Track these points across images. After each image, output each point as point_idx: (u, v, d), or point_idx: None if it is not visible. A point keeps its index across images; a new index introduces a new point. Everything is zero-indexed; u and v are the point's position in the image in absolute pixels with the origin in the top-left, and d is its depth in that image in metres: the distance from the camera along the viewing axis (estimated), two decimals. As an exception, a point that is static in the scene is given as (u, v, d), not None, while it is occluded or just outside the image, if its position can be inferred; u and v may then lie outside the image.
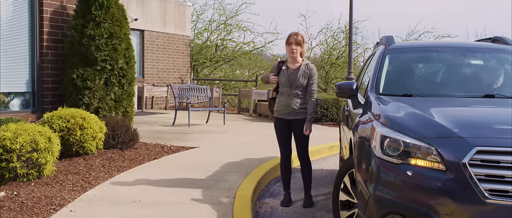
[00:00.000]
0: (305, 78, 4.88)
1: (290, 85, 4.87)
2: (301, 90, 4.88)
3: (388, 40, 4.93)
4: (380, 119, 3.47)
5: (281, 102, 4.95)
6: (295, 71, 4.88)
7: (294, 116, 4.90)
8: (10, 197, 4.41)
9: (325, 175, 6.62)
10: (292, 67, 4.92)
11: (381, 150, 3.22)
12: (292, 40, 4.86)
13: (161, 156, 6.77)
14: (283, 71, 4.92)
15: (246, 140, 8.79)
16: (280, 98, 4.98)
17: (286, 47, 4.93)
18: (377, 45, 5.57)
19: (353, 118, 4.24)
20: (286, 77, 4.88)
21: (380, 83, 4.24)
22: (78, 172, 5.50)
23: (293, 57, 4.90)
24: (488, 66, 4.67)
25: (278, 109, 5.00)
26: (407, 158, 3.12)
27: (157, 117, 12.52)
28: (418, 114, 3.44)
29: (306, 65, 4.91)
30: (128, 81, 7.49)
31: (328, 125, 12.17)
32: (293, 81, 4.86)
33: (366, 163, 3.35)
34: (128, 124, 7.00)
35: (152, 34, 15.49)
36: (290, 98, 4.88)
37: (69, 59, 7.22)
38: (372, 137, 3.35)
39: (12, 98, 7.17)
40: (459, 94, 4.12)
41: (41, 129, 5.17)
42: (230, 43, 23.33)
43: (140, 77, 15.12)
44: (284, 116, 4.94)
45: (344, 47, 22.62)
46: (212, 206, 4.45)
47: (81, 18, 7.20)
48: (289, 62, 4.96)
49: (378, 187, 3.18)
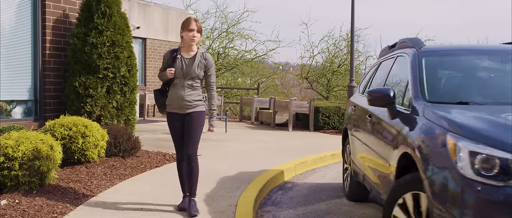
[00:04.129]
0: (201, 69, 4.46)
1: (183, 76, 4.44)
2: (196, 81, 4.48)
3: (416, 42, 4.40)
4: (458, 130, 2.93)
5: (173, 96, 4.47)
6: (191, 60, 4.45)
7: (188, 110, 4.47)
8: (12, 205, 4.40)
9: (327, 183, 6.60)
10: (186, 56, 4.47)
11: (471, 169, 2.71)
12: (194, 27, 4.39)
13: (163, 164, 6.76)
14: (177, 60, 4.46)
15: (248, 147, 8.78)
16: (172, 90, 4.48)
17: (184, 33, 4.43)
18: (391, 49, 5.20)
19: (399, 130, 3.62)
20: (180, 67, 4.43)
21: (425, 90, 3.74)
22: (80, 180, 5.49)
23: (190, 45, 4.45)
24: None
25: (170, 103, 4.51)
26: (509, 178, 2.61)
27: (159, 124, 12.52)
28: (507, 125, 2.90)
29: (202, 54, 4.48)
30: (130, 89, 7.50)
31: (330, 132, 12.17)
32: (187, 71, 4.42)
33: (444, 184, 2.82)
34: (130, 132, 7.00)
35: (154, 42, 15.53)
36: (184, 90, 4.44)
37: (71, 67, 7.24)
38: (451, 152, 2.84)
39: (14, 106, 7.18)
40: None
41: (43, 137, 5.17)
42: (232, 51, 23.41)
43: (142, 85, 15.15)
44: (177, 110, 4.49)
45: (345, 55, 22.66)
46: (214, 214, 4.44)
47: (83, 26, 7.22)
48: (183, 51, 4.49)
49: (466, 212, 2.68)
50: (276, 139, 10.40)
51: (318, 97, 23.61)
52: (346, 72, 22.46)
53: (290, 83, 27.10)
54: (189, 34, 4.41)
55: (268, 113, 13.88)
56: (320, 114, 12.51)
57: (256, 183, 5.81)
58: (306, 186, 6.38)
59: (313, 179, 6.88)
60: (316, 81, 23.88)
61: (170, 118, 4.56)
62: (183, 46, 4.52)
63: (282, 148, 8.89)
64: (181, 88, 4.45)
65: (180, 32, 4.50)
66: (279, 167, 6.94)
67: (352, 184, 5.43)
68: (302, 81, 24.12)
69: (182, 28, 4.47)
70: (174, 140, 4.61)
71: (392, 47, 5.24)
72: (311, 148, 9.08)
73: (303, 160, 7.63)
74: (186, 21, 4.44)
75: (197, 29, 4.42)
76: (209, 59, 4.53)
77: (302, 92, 26.06)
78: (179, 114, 4.50)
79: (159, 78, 4.65)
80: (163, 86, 4.62)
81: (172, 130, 4.58)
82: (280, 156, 7.85)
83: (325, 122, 12.56)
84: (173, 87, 4.50)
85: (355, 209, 5.20)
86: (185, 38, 4.45)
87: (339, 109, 12.70)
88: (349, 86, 12.46)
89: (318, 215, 4.95)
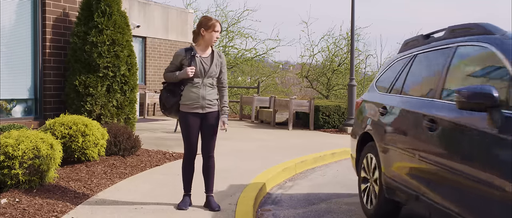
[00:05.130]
0: (218, 67, 4.52)
1: (204, 75, 4.45)
2: (214, 80, 4.52)
3: (494, 28, 3.49)
4: None
5: (192, 95, 4.45)
6: (209, 59, 4.49)
7: (208, 109, 4.49)
8: (12, 204, 4.41)
9: (327, 181, 6.61)
10: (203, 55, 4.49)
11: None
12: (219, 28, 4.47)
13: (163, 163, 6.76)
14: (196, 59, 4.45)
15: (248, 146, 8.78)
16: (190, 90, 4.44)
17: (206, 33, 4.42)
18: (430, 38, 4.42)
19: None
20: (200, 66, 4.44)
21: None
22: (80, 178, 5.50)
23: (208, 45, 4.49)
24: None
25: (187, 103, 4.46)
26: None
27: (159, 123, 12.52)
28: None
29: (217, 54, 4.55)
30: (130, 88, 7.50)
31: (330, 131, 12.17)
32: (208, 70, 4.45)
33: None
34: (130, 131, 7.00)
35: (154, 41, 15.53)
36: (205, 89, 4.46)
37: (72, 66, 7.24)
38: None
39: (14, 105, 7.18)
40: None
41: (43, 135, 5.17)
42: (232, 50, 23.41)
43: (142, 84, 15.16)
44: (198, 109, 4.47)
45: (346, 54, 22.65)
46: (214, 213, 4.45)
47: (83, 25, 7.22)
48: (199, 50, 4.51)
49: None
50: (276, 137, 10.40)
51: (318, 96, 23.62)
52: (346, 71, 22.46)
53: (290, 82, 27.12)
54: (214, 35, 4.44)
55: (268, 111, 13.88)
56: (320, 113, 12.51)
57: (256, 181, 5.81)
58: (306, 185, 6.38)
59: (313, 177, 6.88)
60: (316, 80, 23.89)
61: (187, 117, 4.48)
62: (199, 45, 4.52)
63: (282, 147, 8.89)
64: (202, 87, 4.45)
65: (201, 31, 4.45)
66: (279, 165, 6.94)
67: (380, 202, 4.47)
68: (302, 80, 24.14)
69: (204, 27, 4.44)
70: (189, 139, 4.53)
71: (428, 37, 4.49)
72: (311, 146, 9.08)
73: (303, 159, 7.63)
74: (210, 22, 4.43)
75: (220, 31, 4.51)
76: (223, 58, 4.61)
77: (302, 91, 26.08)
78: (198, 113, 4.49)
79: (167, 78, 4.56)
80: (171, 86, 4.54)
81: (189, 129, 4.50)
82: (280, 155, 7.86)
83: (325, 120, 12.56)
84: (190, 86, 4.45)
85: (356, 208, 5.20)
86: (206, 38, 4.44)
87: (339, 108, 12.70)
88: (349, 85, 12.45)
89: (318, 214, 4.96)
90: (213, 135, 4.58)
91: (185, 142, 4.56)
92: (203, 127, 4.55)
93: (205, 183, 4.68)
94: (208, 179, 4.66)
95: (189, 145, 4.56)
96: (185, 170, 4.67)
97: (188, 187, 4.69)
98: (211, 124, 4.54)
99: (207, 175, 4.66)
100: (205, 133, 4.56)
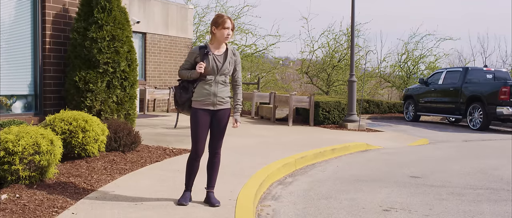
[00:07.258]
0: (231, 65, 4.53)
1: (217, 72, 4.46)
2: (227, 78, 4.54)
3: None
4: None
5: (204, 92, 4.47)
6: (223, 57, 4.50)
7: (220, 106, 4.52)
8: (12, 199, 4.41)
9: (327, 177, 6.61)
10: (217, 53, 4.50)
11: None
12: (229, 25, 4.42)
13: (163, 159, 6.77)
14: (210, 57, 4.46)
15: (248, 142, 8.78)
16: (203, 87, 4.47)
17: (217, 31, 4.43)
18: None
19: None
20: (213, 64, 4.45)
21: None
22: (80, 174, 5.50)
23: (221, 43, 4.50)
24: None
25: (199, 99, 4.48)
26: None
27: (159, 119, 12.53)
28: None
29: (231, 51, 4.55)
30: (130, 84, 7.50)
31: (330, 127, 12.18)
32: (221, 68, 4.46)
33: None
34: (130, 127, 7.00)
35: (154, 37, 15.51)
36: (217, 86, 4.48)
37: (72, 62, 7.24)
38: None
39: (14, 101, 7.18)
40: None
41: (43, 131, 5.17)
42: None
43: (142, 80, 15.15)
44: (209, 106, 4.49)
45: (346, 50, 22.63)
46: (214, 209, 4.45)
47: (83, 21, 7.22)
48: (213, 48, 4.51)
49: None
50: (276, 133, 10.41)
51: (318, 92, 23.60)
52: (346, 67, 22.44)
53: (290, 78, 27.09)
54: (225, 32, 4.42)
55: (268, 107, 13.88)
56: (320, 109, 12.51)
57: (256, 177, 5.82)
58: (306, 180, 6.38)
59: (313, 173, 6.88)
60: (316, 76, 23.86)
61: (198, 114, 4.49)
62: (213, 43, 4.53)
63: (282, 143, 8.89)
64: (214, 84, 4.47)
65: (212, 29, 4.48)
66: (279, 161, 6.94)
67: None
68: (302, 76, 24.11)
69: (215, 25, 4.45)
70: (198, 136, 4.50)
71: None
72: (311, 142, 9.08)
73: (303, 155, 7.64)
74: (220, 19, 4.42)
75: (231, 27, 4.45)
76: (238, 56, 4.60)
77: (302, 87, 26.06)
78: (209, 110, 4.50)
79: (181, 76, 4.57)
80: (185, 83, 4.56)
81: (198, 126, 4.49)
82: (280, 151, 7.86)
83: (325, 116, 12.57)
84: (203, 83, 4.47)
85: (356, 202, 5.21)
86: (218, 36, 4.45)
87: (339, 104, 12.70)
88: (349, 81, 12.45)
89: (318, 210, 4.96)
90: (222, 132, 4.60)
91: (193, 138, 4.54)
92: (213, 123, 4.57)
93: (208, 178, 4.70)
94: (211, 175, 4.69)
95: (197, 141, 4.53)
96: (190, 167, 4.66)
97: (190, 184, 4.69)
98: (221, 121, 4.56)
99: (211, 171, 4.69)
100: (215, 129, 4.58)
